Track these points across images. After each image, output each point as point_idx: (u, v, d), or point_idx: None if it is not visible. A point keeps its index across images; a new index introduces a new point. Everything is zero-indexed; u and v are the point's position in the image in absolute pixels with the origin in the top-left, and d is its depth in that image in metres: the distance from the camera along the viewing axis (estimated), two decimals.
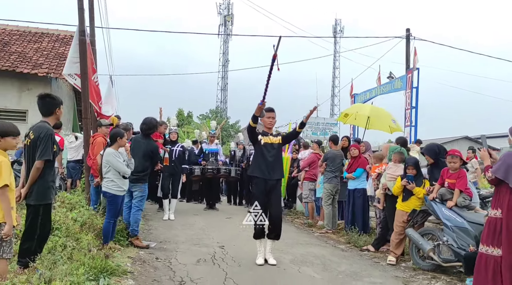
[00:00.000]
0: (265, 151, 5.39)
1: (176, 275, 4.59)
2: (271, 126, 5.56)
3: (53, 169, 3.98)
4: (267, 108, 5.43)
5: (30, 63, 12.88)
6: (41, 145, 3.77)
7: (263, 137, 5.45)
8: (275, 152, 5.44)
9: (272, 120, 5.51)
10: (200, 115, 40.41)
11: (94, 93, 7.82)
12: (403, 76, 14.10)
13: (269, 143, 5.43)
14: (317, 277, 4.82)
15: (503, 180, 3.96)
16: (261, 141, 5.42)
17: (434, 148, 5.75)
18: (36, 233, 3.83)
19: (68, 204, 6.43)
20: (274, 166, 5.38)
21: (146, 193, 6.33)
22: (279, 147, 5.51)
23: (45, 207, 3.86)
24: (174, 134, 9.20)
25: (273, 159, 5.39)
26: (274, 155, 5.41)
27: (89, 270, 3.93)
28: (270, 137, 5.47)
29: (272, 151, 5.40)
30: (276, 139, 5.50)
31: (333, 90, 53.21)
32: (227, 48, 50.07)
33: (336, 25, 53.01)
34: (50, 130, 3.88)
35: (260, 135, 5.47)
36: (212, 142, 11.04)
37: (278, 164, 5.46)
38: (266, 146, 5.41)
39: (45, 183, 3.84)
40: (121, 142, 5.51)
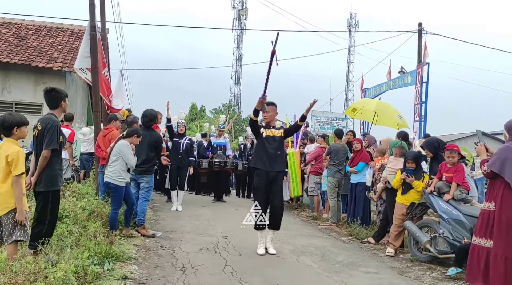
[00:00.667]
0: (266, 143, 5.50)
1: (178, 262, 4.79)
2: (267, 121, 5.68)
3: (60, 157, 4.21)
4: (267, 102, 5.54)
5: (46, 57, 13.22)
6: (47, 135, 4.01)
7: (265, 130, 5.56)
8: (277, 145, 5.54)
9: (266, 114, 5.63)
10: (213, 110, 40.65)
11: (105, 87, 8.05)
12: (413, 71, 14.05)
13: (271, 135, 5.54)
14: (313, 266, 4.97)
15: (498, 174, 4.04)
16: (263, 134, 5.54)
17: (433, 142, 5.83)
18: (47, 218, 4.07)
19: (78, 194, 6.67)
20: (276, 158, 5.49)
21: (153, 184, 6.55)
22: (281, 139, 5.61)
23: (54, 193, 4.10)
24: (182, 127, 9.35)
25: (275, 151, 5.50)
26: (276, 148, 5.52)
27: (94, 255, 4.15)
28: (272, 130, 5.58)
29: (273, 143, 5.51)
30: (278, 132, 5.60)
31: (347, 84, 52.91)
32: (241, 42, 50.14)
33: (351, 19, 52.54)
34: (56, 122, 4.11)
35: (263, 128, 5.59)
36: (220, 136, 11.22)
37: (279, 156, 5.57)
38: (268, 138, 5.52)
39: (52, 171, 4.07)
40: (135, 140, 5.83)
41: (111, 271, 4.09)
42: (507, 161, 3.99)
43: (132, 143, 5.81)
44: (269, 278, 4.41)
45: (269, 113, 5.63)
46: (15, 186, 3.67)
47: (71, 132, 8.77)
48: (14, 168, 3.64)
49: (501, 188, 4.05)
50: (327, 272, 4.78)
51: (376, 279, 4.61)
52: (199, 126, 29.42)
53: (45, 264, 3.48)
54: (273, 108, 5.65)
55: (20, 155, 3.70)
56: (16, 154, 3.67)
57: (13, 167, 3.64)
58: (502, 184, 4.04)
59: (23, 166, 3.72)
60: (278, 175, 5.53)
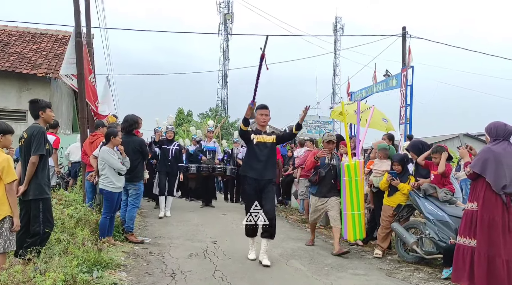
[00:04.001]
0: (257, 150, 5.26)
1: (168, 268, 4.78)
2: (264, 124, 5.41)
3: (47, 165, 4.20)
4: (260, 105, 5.35)
5: (30, 63, 13.07)
6: (34, 142, 4.02)
7: (256, 136, 5.30)
8: (268, 151, 5.30)
9: (265, 118, 5.37)
10: (200, 114, 40.62)
11: (91, 93, 8.01)
12: (398, 74, 14.27)
13: (262, 142, 5.29)
14: (303, 269, 5.01)
15: (480, 174, 4.14)
16: (254, 140, 5.28)
17: (417, 144, 5.94)
18: (41, 228, 4.06)
19: (65, 201, 6.61)
20: (267, 165, 5.25)
21: (142, 190, 6.51)
22: (272, 146, 5.36)
23: (44, 201, 4.08)
24: (170, 133, 9.20)
25: (266, 158, 5.26)
26: (267, 154, 5.28)
27: (83, 263, 4.13)
28: (263, 136, 5.33)
29: (264, 150, 5.28)
30: (270, 138, 5.35)
31: (334, 88, 53.28)
32: (227, 47, 50.17)
33: (337, 23, 53.02)
34: (42, 129, 4.14)
35: (253, 134, 5.32)
36: (210, 139, 11.16)
37: (270, 164, 5.33)
38: (259, 145, 5.27)
39: (40, 179, 4.06)
40: (115, 141, 5.72)
41: (100, 278, 4.07)
42: (487, 162, 4.10)
43: (114, 145, 5.75)
44: (258, 282, 4.44)
45: (267, 117, 5.39)
46: (9, 194, 3.67)
47: (56, 138, 8.67)
48: (6, 175, 3.62)
49: (483, 188, 4.15)
50: (316, 274, 4.82)
51: (364, 281, 4.67)
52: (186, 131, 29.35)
53: (33, 273, 3.46)
54: (268, 111, 5.42)
55: (10, 161, 3.69)
56: (6, 161, 3.65)
57: (5, 175, 3.62)
58: (484, 185, 4.14)
59: (14, 172, 3.71)
60: (269, 183, 5.29)
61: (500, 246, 3.98)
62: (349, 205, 5.87)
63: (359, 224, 5.89)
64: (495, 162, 4.04)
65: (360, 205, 5.88)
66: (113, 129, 5.87)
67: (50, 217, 4.23)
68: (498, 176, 4.01)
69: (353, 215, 5.88)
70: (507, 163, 4.05)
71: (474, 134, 27.37)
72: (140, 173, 6.41)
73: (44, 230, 4.07)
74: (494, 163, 4.04)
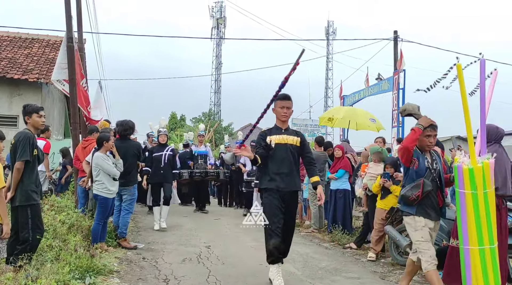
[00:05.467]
0: (277, 153, 4.23)
1: (161, 274, 4.75)
2: (286, 119, 4.36)
3: (34, 171, 4.15)
4: (280, 96, 4.26)
5: (21, 69, 12.97)
6: (19, 147, 3.99)
7: (275, 137, 4.26)
8: (291, 155, 4.26)
9: (287, 111, 4.32)
10: (193, 118, 40.54)
11: (83, 98, 7.97)
12: (390, 77, 14.36)
13: (283, 143, 4.26)
14: (297, 273, 5.01)
15: None
16: (272, 143, 4.23)
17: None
18: (30, 235, 4.01)
19: (57, 207, 6.55)
20: (291, 173, 4.25)
21: (136, 196, 6.48)
22: (296, 150, 4.33)
23: (32, 207, 4.03)
24: (163, 136, 8.21)
25: (288, 163, 4.23)
26: (289, 159, 4.24)
27: (75, 269, 4.09)
28: (284, 137, 4.29)
29: (286, 153, 4.25)
30: (293, 140, 4.31)
31: (327, 91, 53.49)
32: (220, 51, 50.21)
33: (329, 27, 53.29)
34: (28, 134, 4.09)
35: (269, 136, 4.27)
36: (201, 143, 11.00)
37: (296, 171, 4.34)
38: (279, 147, 4.24)
39: (26, 186, 4.02)
40: (107, 145, 5.68)
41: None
42: None
43: (107, 150, 5.71)
44: None
45: (290, 110, 4.34)
46: None
47: (46, 143, 8.61)
48: None
49: None
50: (310, 278, 4.81)
51: (359, 284, 4.68)
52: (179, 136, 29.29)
53: (25, 280, 3.42)
54: (290, 103, 4.34)
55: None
56: None
57: None
58: None
59: (3, 179, 3.66)
60: (293, 196, 4.36)
61: None
62: (475, 235, 3.52)
63: (493, 266, 3.51)
64: None
65: (492, 233, 3.55)
66: (105, 134, 5.84)
67: (40, 223, 4.17)
68: None
69: (482, 252, 3.50)
70: (498, 165, 4.07)
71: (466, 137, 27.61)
72: (134, 177, 6.39)
73: (33, 237, 4.01)
74: None
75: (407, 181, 4.00)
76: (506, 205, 4.13)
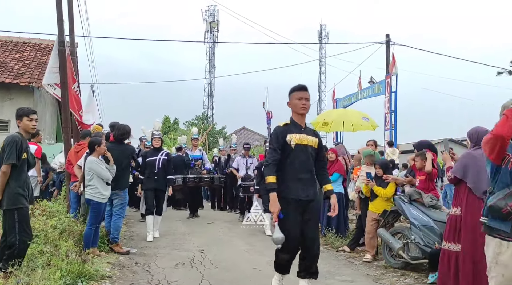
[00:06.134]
0: (297, 156, 3.70)
1: (154, 279, 4.72)
2: (305, 112, 3.81)
3: (22, 174, 4.11)
4: (297, 87, 3.81)
5: (12, 73, 12.90)
6: (6, 150, 3.98)
7: (295, 137, 3.72)
8: (310, 159, 3.78)
9: (306, 103, 3.79)
10: (186, 122, 40.45)
11: (75, 102, 7.92)
12: (382, 81, 14.47)
13: (303, 144, 3.73)
14: (291, 277, 4.97)
15: (461, 179, 4.20)
16: (291, 142, 3.69)
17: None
18: (17, 238, 3.97)
19: (49, 212, 6.50)
20: (311, 179, 3.80)
21: (127, 200, 6.43)
22: (314, 152, 3.84)
23: (20, 211, 3.99)
24: (157, 140, 7.55)
25: (308, 168, 3.76)
26: (308, 163, 3.77)
27: (67, 275, 4.05)
28: (304, 137, 3.76)
29: (305, 156, 3.74)
30: (312, 141, 3.81)
31: (320, 95, 53.68)
32: (213, 55, 50.23)
33: (322, 31, 53.54)
34: (16, 138, 4.07)
35: (289, 134, 3.72)
36: (196, 147, 10.77)
37: (314, 178, 3.88)
38: (300, 148, 3.71)
39: (12, 189, 3.99)
40: (99, 150, 5.65)
41: None
42: (468, 167, 4.16)
43: (99, 154, 5.68)
44: None
45: (308, 102, 3.83)
46: None
47: (38, 148, 8.54)
48: None
49: (465, 193, 4.20)
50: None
51: None
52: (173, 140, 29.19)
53: None
54: (308, 94, 3.84)
55: None
56: None
57: None
58: (466, 189, 4.19)
59: None
60: (313, 204, 3.84)
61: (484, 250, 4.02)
62: None
63: None
64: (476, 166, 4.10)
65: None
66: (96, 138, 5.82)
67: (27, 228, 4.13)
68: (479, 180, 4.06)
69: None
70: None
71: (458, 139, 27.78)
72: (126, 181, 6.36)
73: (20, 241, 3.97)
74: (475, 168, 4.10)
75: (497, 186, 2.93)
76: None
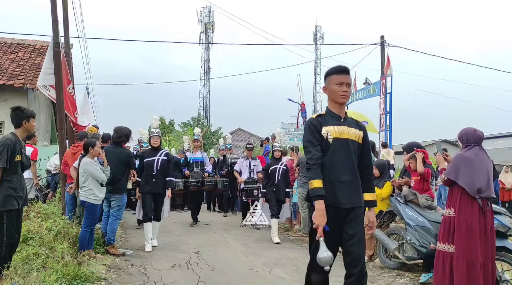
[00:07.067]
0: (337, 154, 2.98)
1: (150, 280, 4.71)
2: (345, 100, 3.08)
3: (14, 177, 4.07)
4: (336, 69, 3.11)
5: (6, 74, 12.84)
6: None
7: (332, 129, 3.01)
8: (354, 158, 3.04)
9: (347, 89, 3.04)
10: (182, 123, 40.39)
11: (70, 104, 7.89)
12: (377, 82, 14.52)
13: (344, 138, 3.01)
14: (287, 278, 5.01)
15: (455, 181, 4.23)
16: (328, 137, 2.99)
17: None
18: (4, 240, 3.93)
19: (44, 214, 6.47)
20: (353, 182, 3.02)
21: (125, 202, 6.40)
22: (358, 148, 3.09)
23: (8, 213, 3.96)
24: (156, 138, 6.90)
25: (351, 167, 3.01)
26: (352, 161, 3.02)
27: (62, 277, 4.04)
28: (344, 129, 3.03)
29: (347, 153, 3.01)
30: (356, 134, 3.07)
31: (315, 96, 53.78)
32: (208, 56, 50.20)
33: (317, 32, 53.66)
34: (9, 140, 4.02)
35: (325, 127, 3.01)
36: (197, 149, 10.18)
37: (358, 180, 3.06)
38: (339, 144, 3.00)
39: (3, 191, 3.95)
40: (93, 152, 5.63)
41: None
42: (460, 168, 4.19)
43: (94, 156, 5.66)
44: None
45: (350, 88, 3.10)
46: None
47: (34, 150, 8.51)
48: None
49: (458, 194, 4.22)
50: (300, 283, 4.78)
51: None
52: (168, 141, 29.15)
53: None
54: (349, 78, 3.10)
55: None
56: None
57: None
58: (459, 191, 4.22)
59: None
60: (356, 212, 3.03)
61: (477, 250, 4.05)
62: None
63: None
64: (468, 167, 4.13)
65: None
66: (90, 140, 5.80)
67: (16, 230, 4.10)
68: (472, 181, 4.09)
69: None
70: (480, 168, 4.14)
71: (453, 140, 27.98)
72: (124, 184, 6.31)
73: (7, 243, 3.94)
74: (466, 169, 4.13)
75: None
76: (491, 207, 4.19)
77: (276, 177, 7.66)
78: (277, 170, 7.77)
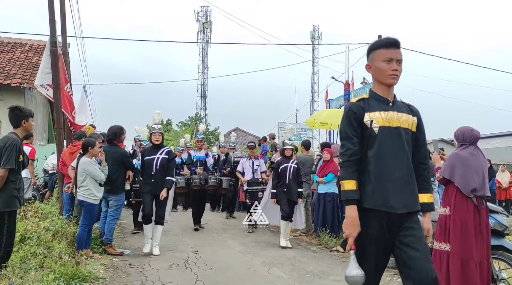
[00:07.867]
0: (384, 145, 2.45)
1: (148, 280, 4.71)
2: (395, 82, 2.51)
3: (18, 177, 4.08)
4: (384, 42, 2.53)
5: (3, 73, 12.78)
6: (5, 154, 3.91)
7: (378, 115, 2.48)
8: (407, 150, 2.48)
9: (397, 67, 2.48)
10: (179, 123, 40.33)
11: (67, 103, 7.86)
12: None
13: (393, 127, 2.48)
14: (285, 277, 5.02)
15: (450, 180, 4.24)
16: (373, 126, 2.47)
17: None
18: (3, 241, 3.93)
19: (41, 214, 6.46)
20: (407, 179, 2.45)
21: (122, 202, 6.39)
22: (412, 139, 2.54)
23: (10, 214, 3.96)
24: (157, 135, 6.45)
25: (404, 163, 2.46)
26: (405, 155, 2.47)
27: (60, 277, 4.03)
28: (392, 115, 2.50)
29: (398, 144, 2.46)
30: (408, 121, 2.53)
31: (312, 95, 53.81)
32: (206, 55, 50.15)
33: (314, 32, 53.67)
34: (15, 141, 4.01)
35: (368, 113, 2.48)
36: (200, 148, 9.58)
37: (413, 176, 2.49)
38: (388, 133, 2.47)
39: (8, 191, 3.95)
40: (93, 151, 5.62)
41: None
42: (455, 167, 4.20)
43: (93, 155, 5.65)
44: None
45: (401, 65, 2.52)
46: None
47: (32, 149, 8.50)
48: None
49: (453, 193, 4.24)
50: (298, 282, 4.83)
51: None
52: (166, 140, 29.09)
53: None
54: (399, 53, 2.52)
55: None
56: None
57: None
58: (454, 189, 4.23)
59: None
60: (414, 219, 2.47)
61: (472, 248, 4.07)
62: None
63: None
64: (463, 166, 4.15)
65: None
66: (90, 139, 5.79)
67: (14, 231, 4.09)
68: (466, 180, 4.11)
69: None
70: (475, 167, 4.16)
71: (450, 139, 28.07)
72: (122, 184, 6.29)
73: (6, 243, 3.93)
74: (461, 168, 4.15)
75: None
76: (486, 205, 4.21)
77: (287, 176, 7.14)
78: (288, 168, 7.21)
